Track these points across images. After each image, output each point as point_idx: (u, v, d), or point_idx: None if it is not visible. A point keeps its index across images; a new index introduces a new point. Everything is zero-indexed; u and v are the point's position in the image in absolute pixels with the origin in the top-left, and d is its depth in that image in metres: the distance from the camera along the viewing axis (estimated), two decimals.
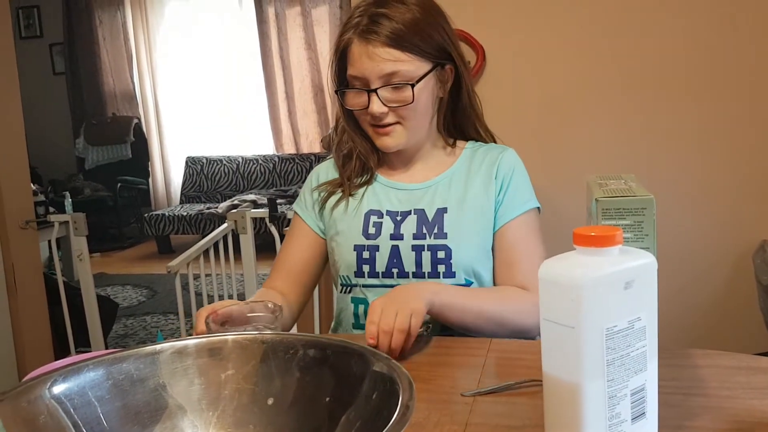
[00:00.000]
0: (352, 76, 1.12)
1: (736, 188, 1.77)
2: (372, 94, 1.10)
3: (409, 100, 1.10)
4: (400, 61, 1.08)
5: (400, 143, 1.15)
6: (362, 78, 1.10)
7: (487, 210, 1.16)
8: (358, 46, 1.10)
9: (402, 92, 1.10)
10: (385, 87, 1.09)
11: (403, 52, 1.08)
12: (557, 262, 0.62)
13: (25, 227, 2.37)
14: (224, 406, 0.68)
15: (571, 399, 0.59)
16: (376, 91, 1.10)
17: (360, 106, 1.13)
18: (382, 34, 1.07)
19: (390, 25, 1.07)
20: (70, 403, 0.62)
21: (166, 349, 0.69)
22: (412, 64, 1.09)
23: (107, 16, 6.21)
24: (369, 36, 1.08)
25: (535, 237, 1.16)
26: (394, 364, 0.61)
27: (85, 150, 6.11)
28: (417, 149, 1.21)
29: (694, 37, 1.74)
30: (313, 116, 5.89)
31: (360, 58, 1.10)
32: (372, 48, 1.08)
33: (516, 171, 1.18)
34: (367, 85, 1.10)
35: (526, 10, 1.83)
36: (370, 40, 1.08)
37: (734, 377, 0.81)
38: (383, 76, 1.09)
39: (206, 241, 2.29)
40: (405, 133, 1.14)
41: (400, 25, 1.08)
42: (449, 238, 1.13)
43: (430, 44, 1.11)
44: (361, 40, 1.09)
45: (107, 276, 4.90)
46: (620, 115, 1.81)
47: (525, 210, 1.16)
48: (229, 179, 5.92)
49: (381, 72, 1.08)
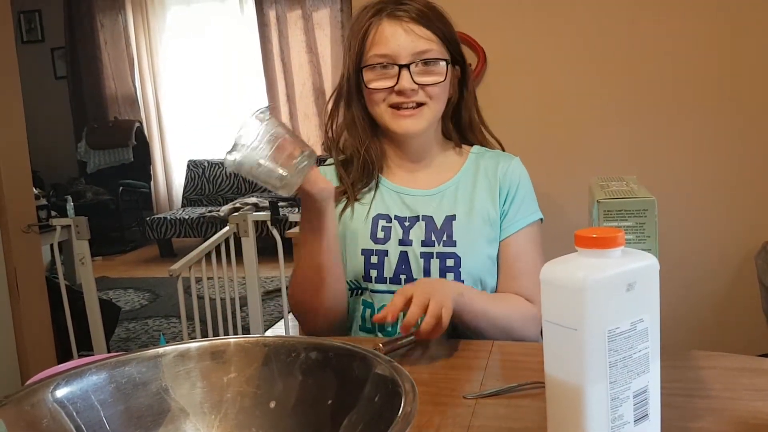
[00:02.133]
0: (378, 55, 1.11)
1: (739, 190, 1.77)
2: (403, 69, 1.10)
3: (441, 77, 1.11)
4: (432, 41, 1.11)
5: (419, 128, 1.14)
6: (392, 56, 1.10)
7: (493, 219, 1.16)
8: (390, 25, 1.11)
9: (434, 70, 1.11)
10: (418, 63, 1.10)
11: (432, 33, 1.11)
12: (559, 264, 0.62)
13: (27, 231, 2.37)
14: (226, 410, 0.68)
15: (573, 401, 0.59)
16: (408, 66, 1.09)
17: (386, 84, 1.12)
18: (413, 12, 1.10)
19: (416, 6, 1.11)
20: (72, 406, 0.62)
21: (169, 353, 0.69)
22: (440, 46, 1.12)
23: (108, 20, 6.23)
24: (399, 14, 1.10)
25: (537, 249, 1.17)
26: (397, 366, 0.61)
27: (87, 154, 6.12)
28: (420, 148, 1.20)
29: (697, 39, 1.74)
30: (314, 119, 5.89)
31: (394, 34, 1.10)
32: (406, 24, 1.10)
33: (522, 182, 1.18)
34: (397, 62, 1.10)
35: (527, 13, 1.83)
36: (401, 18, 1.10)
37: (737, 379, 0.81)
38: (416, 53, 1.10)
39: (208, 244, 2.29)
40: (428, 117, 1.14)
41: (425, 8, 1.12)
42: (458, 246, 1.13)
43: (449, 34, 1.14)
44: (392, 18, 1.11)
45: (109, 279, 4.91)
46: (622, 116, 1.81)
47: (529, 222, 1.16)
48: (230, 182, 5.92)
49: (415, 48, 1.10)
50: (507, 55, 1.85)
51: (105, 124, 6.21)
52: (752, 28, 1.71)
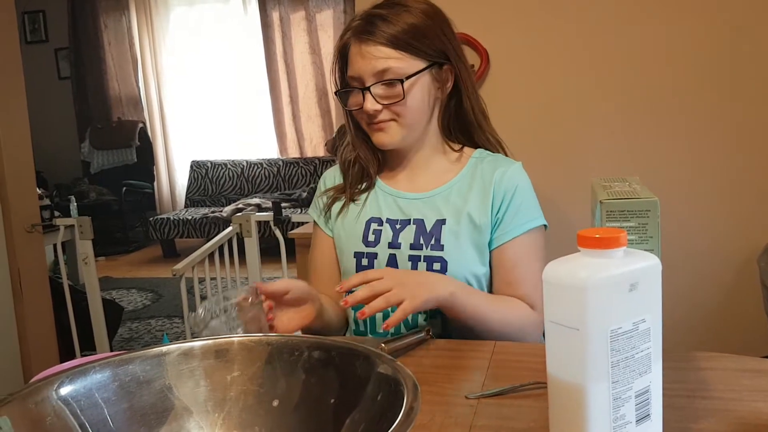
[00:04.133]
0: (350, 77, 1.15)
1: (741, 190, 1.77)
2: (366, 92, 1.12)
3: (399, 96, 1.11)
4: (392, 59, 1.10)
5: (395, 140, 1.16)
6: (358, 77, 1.13)
7: (483, 225, 1.13)
8: (355, 47, 1.13)
9: (393, 89, 1.11)
10: (377, 84, 1.11)
11: (395, 50, 1.10)
12: (562, 264, 0.62)
13: (31, 231, 2.38)
14: (230, 408, 0.68)
15: (575, 401, 0.59)
16: (369, 89, 1.11)
17: (357, 105, 1.15)
18: (376, 33, 1.10)
19: (384, 25, 1.10)
20: (77, 404, 0.62)
21: (173, 351, 0.70)
22: (403, 61, 1.11)
23: (112, 21, 6.24)
24: (363, 36, 1.11)
25: (538, 256, 1.14)
26: (399, 365, 0.61)
27: (91, 154, 6.13)
28: (416, 152, 1.20)
29: (699, 39, 1.74)
30: (318, 120, 5.90)
31: (355, 57, 1.13)
32: (365, 47, 1.11)
33: (519, 189, 1.15)
34: (363, 84, 1.12)
35: (530, 13, 1.83)
36: (364, 39, 1.11)
37: (739, 380, 0.81)
38: (376, 74, 1.11)
39: (211, 244, 2.30)
40: (400, 131, 1.15)
41: (395, 25, 1.10)
42: (445, 251, 1.13)
43: (425, 44, 1.12)
44: (357, 40, 1.13)
45: (112, 279, 4.91)
46: (625, 117, 1.81)
47: (528, 229, 1.13)
48: (233, 183, 5.93)
49: (373, 69, 1.10)
50: (510, 56, 1.86)
51: (108, 124, 6.22)
52: (753, 28, 1.71)
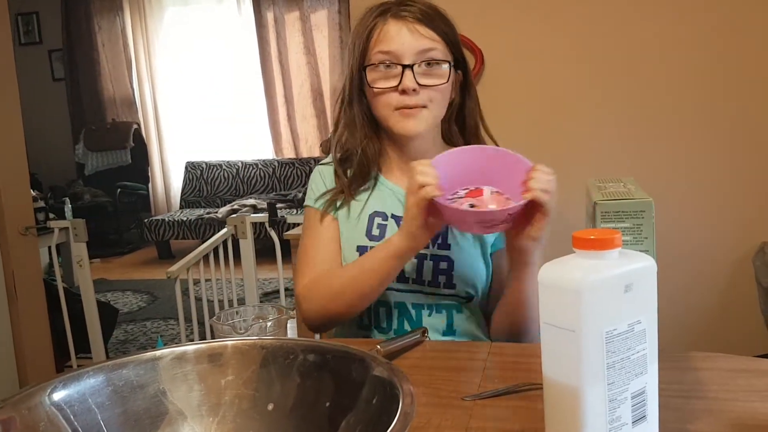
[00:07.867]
0: (382, 52, 1.11)
1: (736, 190, 1.77)
2: (407, 69, 1.09)
3: (443, 79, 1.11)
4: (436, 41, 1.10)
5: (420, 129, 1.13)
6: (396, 54, 1.10)
7: None
8: (395, 24, 1.11)
9: (436, 72, 1.11)
10: (421, 64, 1.10)
11: (438, 36, 1.11)
12: (556, 265, 0.62)
13: (25, 233, 2.37)
14: (224, 412, 0.67)
15: (571, 402, 0.59)
16: (411, 66, 1.09)
17: (389, 83, 1.11)
18: (417, 12, 1.11)
19: (420, 7, 1.12)
20: (70, 409, 0.62)
21: (166, 355, 0.69)
22: (444, 47, 1.12)
23: (106, 22, 6.22)
24: (404, 14, 1.11)
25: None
26: (395, 368, 0.61)
27: (85, 156, 6.12)
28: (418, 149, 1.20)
29: (694, 40, 1.74)
30: (312, 120, 5.90)
31: (398, 33, 1.10)
32: (410, 24, 1.10)
33: None
34: (400, 61, 1.10)
35: (525, 15, 1.83)
36: (406, 18, 1.11)
37: (735, 380, 0.81)
38: (420, 52, 1.10)
39: (206, 246, 2.29)
40: (427, 119, 1.13)
41: (435, 13, 1.12)
42: (451, 250, 1.13)
43: (452, 36, 1.13)
44: (397, 18, 1.11)
45: (107, 282, 4.90)
46: (619, 118, 1.81)
47: None
48: (228, 184, 5.92)
49: (419, 47, 1.09)
50: (504, 57, 1.86)
51: (103, 126, 6.20)
52: (749, 29, 1.71)
